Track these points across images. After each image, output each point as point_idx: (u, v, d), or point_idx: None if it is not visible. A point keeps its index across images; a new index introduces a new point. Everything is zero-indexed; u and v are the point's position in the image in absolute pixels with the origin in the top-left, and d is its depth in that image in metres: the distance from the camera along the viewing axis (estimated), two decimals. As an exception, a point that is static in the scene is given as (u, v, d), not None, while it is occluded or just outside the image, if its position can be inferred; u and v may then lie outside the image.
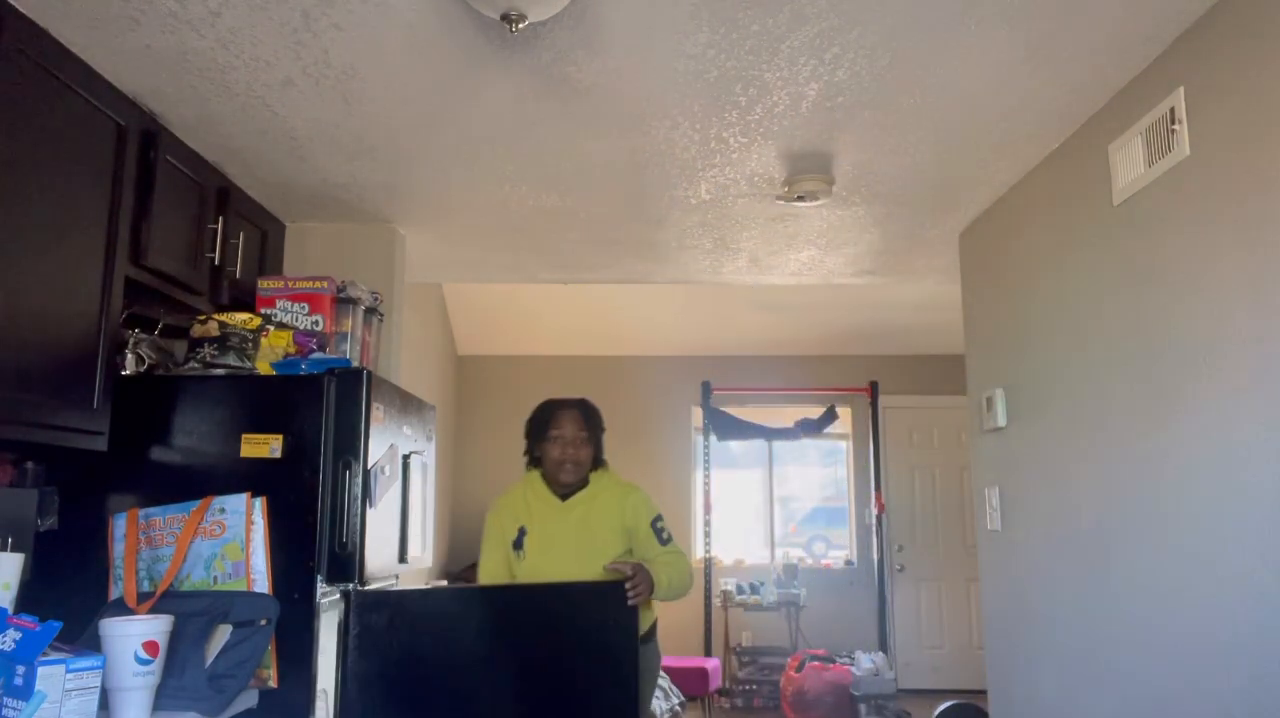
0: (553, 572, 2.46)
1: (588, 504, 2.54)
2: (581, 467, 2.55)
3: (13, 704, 1.59)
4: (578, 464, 2.54)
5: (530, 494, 2.58)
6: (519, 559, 2.51)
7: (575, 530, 2.50)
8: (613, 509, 2.55)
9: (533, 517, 2.54)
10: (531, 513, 2.55)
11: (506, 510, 2.59)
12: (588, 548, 2.48)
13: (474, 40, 2.16)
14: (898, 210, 3.34)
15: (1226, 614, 1.96)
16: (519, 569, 2.52)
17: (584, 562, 2.45)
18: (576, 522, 2.52)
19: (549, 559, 2.48)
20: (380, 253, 3.49)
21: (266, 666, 2.18)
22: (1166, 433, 2.18)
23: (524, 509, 2.56)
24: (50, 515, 2.27)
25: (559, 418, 2.55)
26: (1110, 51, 2.21)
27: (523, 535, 2.52)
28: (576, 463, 2.53)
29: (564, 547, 2.49)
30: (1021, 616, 2.98)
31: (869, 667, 5.54)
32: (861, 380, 6.74)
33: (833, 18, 2.06)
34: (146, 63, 2.23)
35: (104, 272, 2.24)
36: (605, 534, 2.52)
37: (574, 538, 2.49)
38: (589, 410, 2.60)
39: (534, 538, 2.51)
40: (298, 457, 2.31)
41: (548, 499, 2.56)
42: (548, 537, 2.51)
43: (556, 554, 2.48)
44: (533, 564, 2.49)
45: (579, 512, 2.53)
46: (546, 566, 2.48)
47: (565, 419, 2.55)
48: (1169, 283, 2.18)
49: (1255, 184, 1.88)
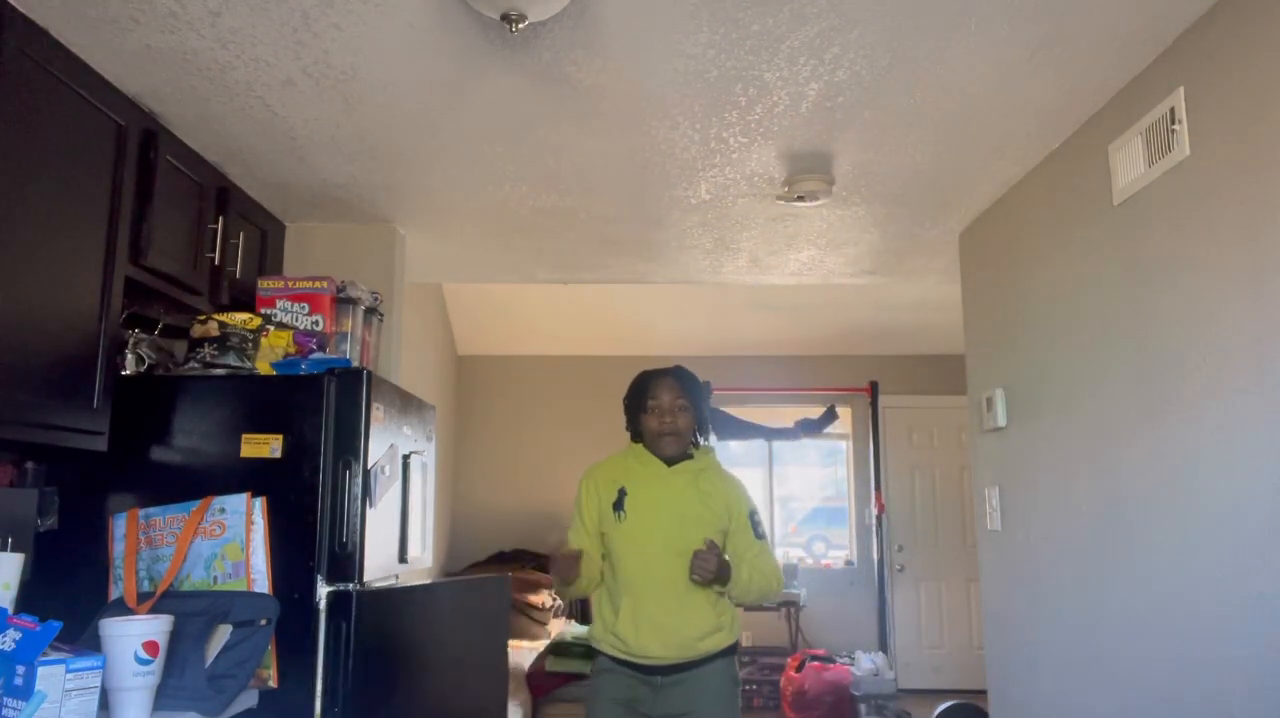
0: (653, 536, 2.37)
1: (694, 473, 2.46)
2: (682, 437, 2.45)
3: (13, 704, 1.59)
4: (677, 435, 2.44)
5: (633, 459, 2.50)
6: (618, 521, 2.40)
7: (679, 496, 2.42)
8: (718, 485, 2.48)
9: (634, 480, 2.45)
10: (633, 477, 2.46)
11: (604, 474, 2.50)
12: (691, 516, 2.40)
13: (474, 40, 2.16)
14: (898, 210, 3.34)
15: (1227, 614, 1.96)
16: (616, 532, 2.40)
17: (686, 528, 2.37)
18: (681, 488, 2.43)
19: (650, 522, 2.39)
20: (380, 253, 3.49)
21: (266, 666, 2.18)
22: (1166, 433, 2.18)
23: (624, 473, 2.47)
24: (50, 515, 2.27)
25: (655, 388, 2.46)
26: (1110, 51, 2.21)
27: (623, 497, 2.41)
28: (676, 433, 2.43)
29: (667, 511, 2.40)
30: (1021, 616, 2.98)
31: (869, 667, 5.54)
32: (861, 380, 6.73)
33: (833, 18, 2.06)
34: (146, 63, 2.23)
35: (104, 272, 2.24)
36: (708, 505, 2.43)
37: (677, 503, 2.41)
38: (685, 377, 2.49)
39: (635, 500, 2.41)
40: (298, 457, 2.31)
41: (652, 464, 2.46)
42: (651, 500, 2.42)
43: (658, 517, 2.39)
44: (632, 528, 2.39)
45: (684, 478, 2.45)
46: (647, 530, 2.38)
47: (661, 388, 2.45)
48: (1169, 283, 2.18)
49: (1255, 184, 1.88)
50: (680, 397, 2.44)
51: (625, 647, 2.33)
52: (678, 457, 2.47)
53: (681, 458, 2.47)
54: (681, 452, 2.47)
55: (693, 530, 2.36)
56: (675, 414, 2.43)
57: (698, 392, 2.49)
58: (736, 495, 2.48)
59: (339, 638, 2.27)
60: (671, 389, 2.45)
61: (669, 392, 2.44)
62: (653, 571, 2.34)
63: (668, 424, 2.43)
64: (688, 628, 2.32)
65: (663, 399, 2.43)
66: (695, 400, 2.48)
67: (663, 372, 2.49)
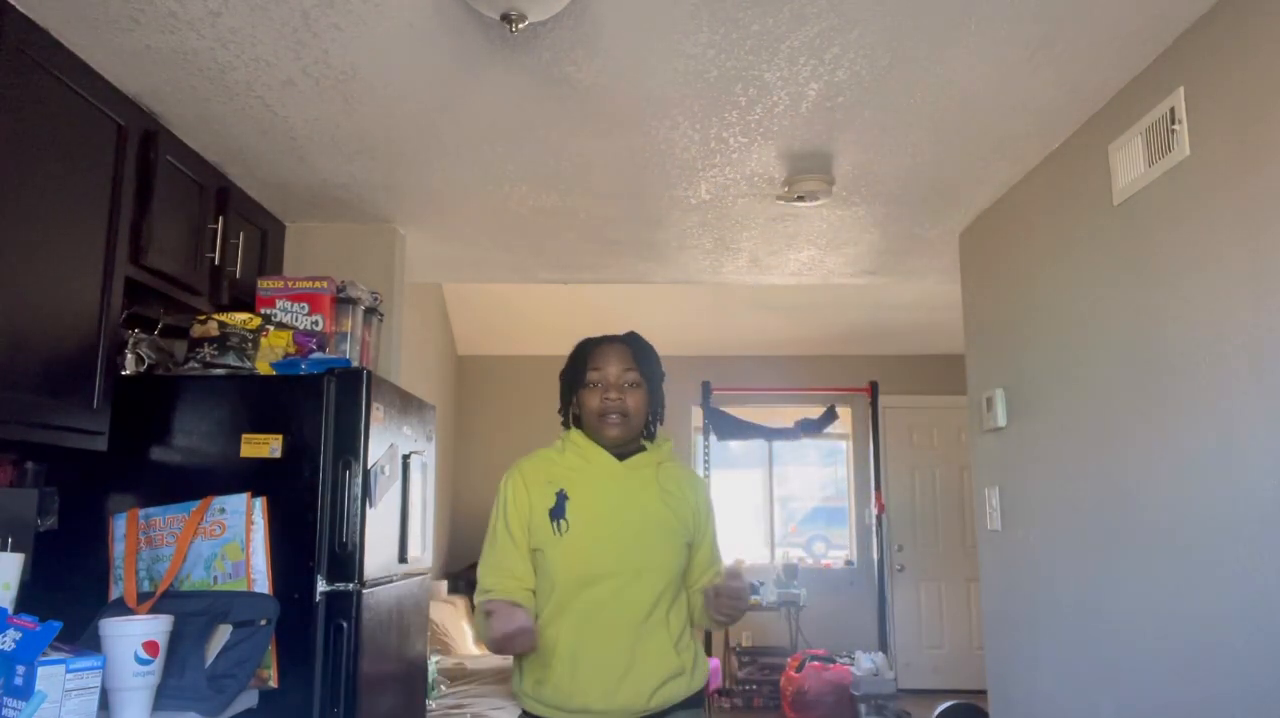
0: (604, 551, 1.80)
1: (653, 467, 1.92)
2: (630, 420, 1.88)
3: (13, 704, 1.59)
4: (624, 416, 1.87)
5: (573, 453, 1.91)
6: (556, 535, 1.80)
7: (636, 498, 1.86)
8: (682, 485, 1.94)
9: (577, 480, 1.87)
10: (575, 476, 1.88)
11: (536, 473, 1.90)
12: (653, 523, 1.84)
13: (474, 40, 2.16)
14: (898, 210, 3.34)
15: (1227, 613, 1.96)
16: (555, 549, 1.80)
17: (646, 540, 1.82)
18: (639, 488, 1.88)
19: (601, 533, 1.81)
20: (380, 253, 3.49)
21: (266, 666, 2.18)
22: (1166, 433, 2.18)
23: (562, 471, 1.89)
24: (50, 515, 2.27)
25: (599, 356, 1.91)
26: (1110, 51, 2.21)
27: (563, 502, 1.84)
28: (623, 413, 1.87)
29: (622, 518, 1.83)
30: (1021, 616, 2.98)
31: (869, 667, 5.54)
32: (861, 380, 6.73)
33: (833, 18, 2.06)
34: (146, 63, 2.23)
35: (104, 272, 2.24)
36: (674, 510, 1.89)
37: (635, 508, 1.85)
38: (639, 345, 1.95)
39: (580, 505, 1.83)
40: (298, 457, 2.31)
41: (598, 458, 1.89)
42: (601, 504, 1.84)
43: (611, 527, 1.82)
44: (576, 542, 1.80)
45: (643, 474, 1.90)
46: (597, 544, 1.81)
47: (607, 357, 1.90)
48: (1169, 283, 2.18)
49: (1255, 184, 1.88)
50: (631, 367, 1.90)
51: (561, 699, 1.75)
52: (629, 447, 1.92)
53: (634, 449, 1.93)
54: (631, 439, 1.91)
55: (656, 542, 1.83)
56: (623, 390, 1.88)
57: (654, 367, 1.95)
58: (704, 500, 1.98)
59: (339, 638, 2.27)
60: (621, 358, 1.90)
61: (617, 361, 1.90)
62: (600, 597, 1.77)
63: (613, 402, 1.87)
64: (644, 672, 1.77)
65: (608, 371, 1.89)
66: (650, 375, 1.93)
67: (610, 338, 1.96)
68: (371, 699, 2.38)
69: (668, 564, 1.84)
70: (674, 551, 1.85)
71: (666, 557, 1.84)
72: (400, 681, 2.65)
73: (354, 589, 2.31)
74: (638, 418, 1.91)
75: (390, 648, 2.55)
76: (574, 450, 1.92)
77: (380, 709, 2.45)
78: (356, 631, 2.29)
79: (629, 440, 1.91)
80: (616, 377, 1.89)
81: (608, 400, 1.87)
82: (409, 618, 2.74)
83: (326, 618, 2.28)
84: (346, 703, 2.25)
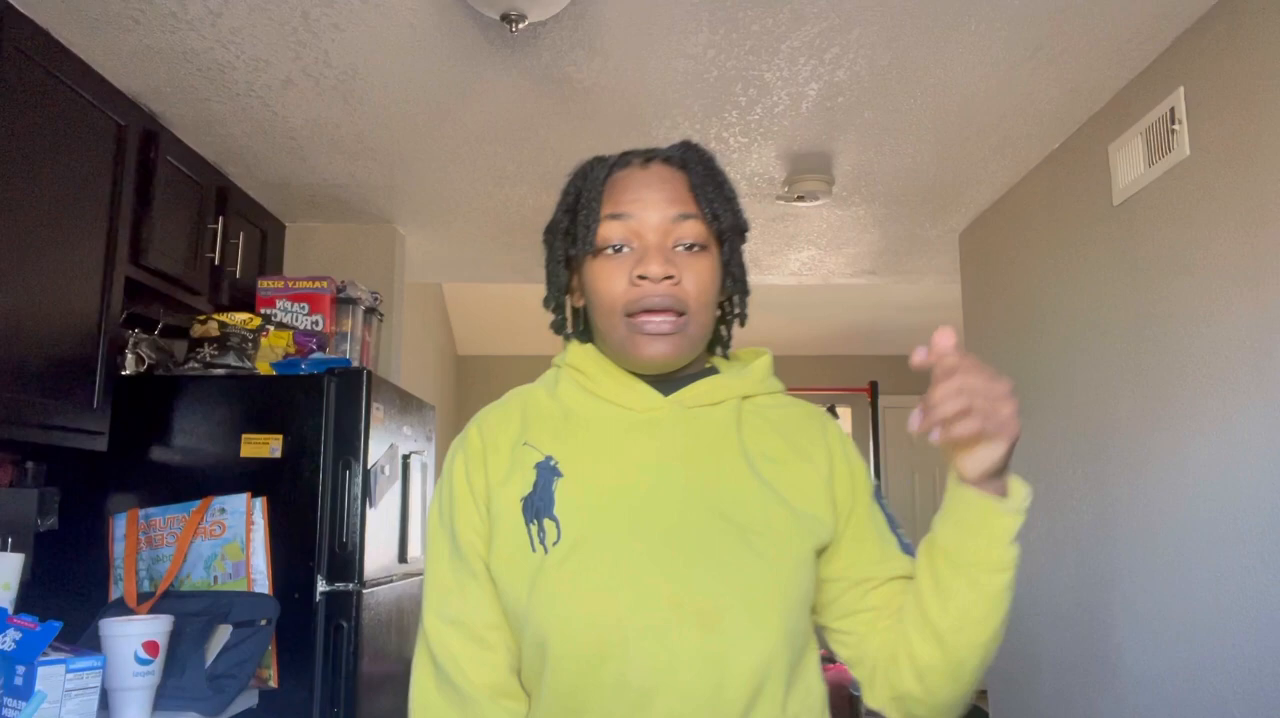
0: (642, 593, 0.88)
1: (735, 408, 1.00)
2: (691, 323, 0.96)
3: (13, 704, 1.59)
4: (680, 315, 0.95)
5: (572, 385, 1.01)
6: (535, 550, 0.91)
7: (709, 470, 0.94)
8: (803, 434, 1.02)
9: (578, 436, 0.97)
10: (575, 428, 0.98)
11: (500, 428, 1.00)
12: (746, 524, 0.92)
13: (474, 40, 2.16)
14: (898, 210, 3.34)
15: (1226, 614, 1.96)
16: (534, 586, 0.90)
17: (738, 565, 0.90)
18: (710, 448, 0.96)
19: (631, 552, 0.90)
20: (380, 253, 3.49)
21: (266, 666, 2.18)
22: (1166, 432, 2.18)
23: (553, 421, 0.99)
24: (50, 515, 2.27)
25: (625, 187, 0.99)
26: (1110, 51, 2.21)
27: (549, 481, 0.93)
28: (677, 308, 0.94)
29: (677, 514, 0.91)
30: (1021, 616, 2.98)
31: (869, 667, 5.53)
32: (861, 380, 6.73)
33: (833, 18, 2.06)
34: (146, 63, 2.23)
35: (104, 272, 2.24)
36: (789, 490, 0.96)
37: (707, 491, 0.93)
38: (700, 165, 1.00)
39: (583, 487, 0.93)
40: (298, 457, 2.31)
41: (621, 390, 0.99)
42: (625, 485, 0.93)
43: (653, 536, 0.90)
44: (580, 570, 0.89)
45: (715, 422, 0.98)
46: (619, 574, 0.89)
47: (644, 189, 0.98)
48: (1168, 283, 2.18)
49: (1254, 184, 1.88)
50: (689, 209, 0.97)
51: None
52: (688, 368, 1.01)
53: (694, 374, 1.02)
54: (691, 348, 0.98)
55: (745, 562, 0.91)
56: (675, 259, 0.95)
57: (731, 206, 1.00)
58: (849, 460, 1.02)
59: (339, 638, 2.27)
60: (669, 191, 0.97)
61: (662, 198, 0.97)
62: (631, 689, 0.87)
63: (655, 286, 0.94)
64: None
65: (645, 218, 0.96)
66: (725, 224, 0.99)
67: (645, 153, 1.02)
68: (371, 699, 2.38)
69: (781, 590, 0.90)
70: (789, 559, 0.92)
71: (776, 575, 0.90)
72: (400, 681, 2.65)
73: (354, 589, 2.31)
74: (703, 317, 0.96)
75: (390, 648, 2.55)
76: (577, 383, 1.00)
77: (380, 709, 2.45)
78: (356, 631, 2.29)
79: (688, 349, 0.97)
80: (660, 229, 0.95)
81: (643, 284, 0.93)
82: (409, 618, 2.74)
83: (326, 618, 2.28)
84: (346, 703, 2.25)
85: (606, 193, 0.99)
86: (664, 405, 0.97)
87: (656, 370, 0.98)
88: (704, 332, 0.99)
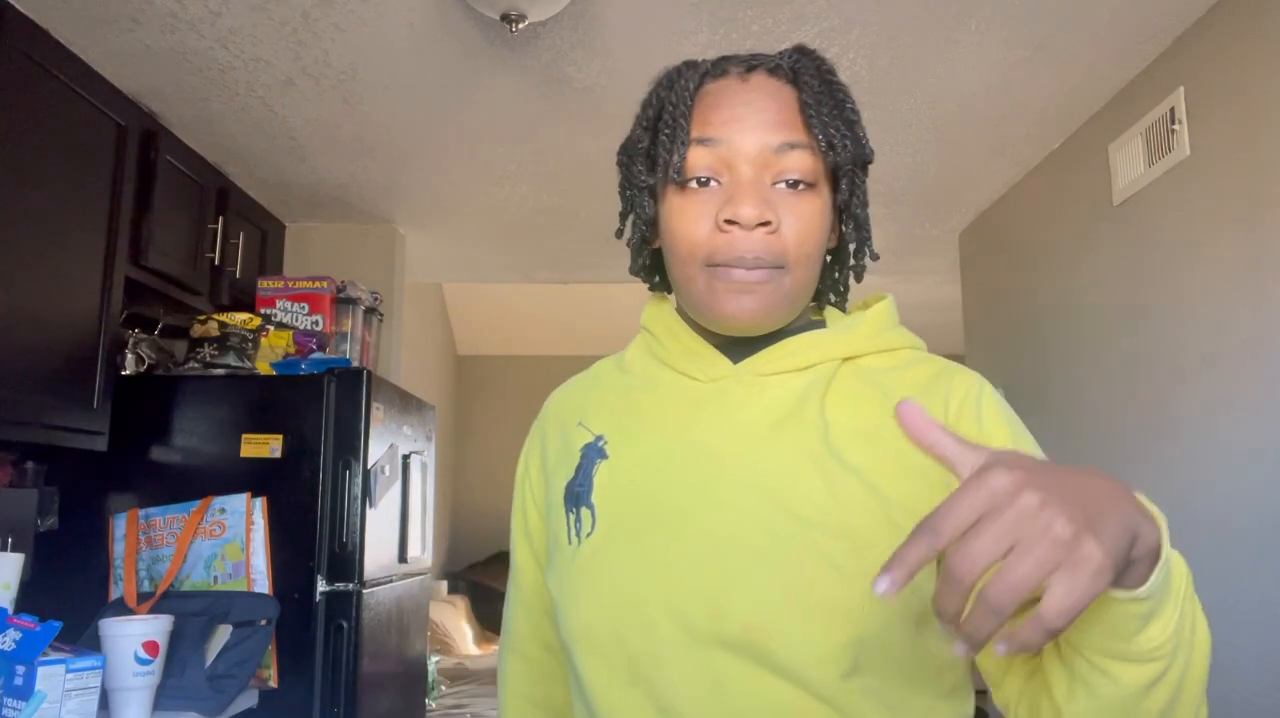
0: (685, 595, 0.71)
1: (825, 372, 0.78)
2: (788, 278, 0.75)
3: (13, 704, 1.59)
4: (778, 269, 0.74)
5: (635, 355, 0.89)
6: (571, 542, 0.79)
7: (768, 451, 0.74)
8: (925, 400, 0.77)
9: (630, 413, 0.83)
10: (630, 404, 0.84)
11: (568, 406, 0.89)
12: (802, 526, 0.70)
13: (474, 40, 2.16)
14: (898, 210, 3.34)
15: (1226, 614, 1.96)
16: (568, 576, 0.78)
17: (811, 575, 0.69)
18: (780, 424, 0.75)
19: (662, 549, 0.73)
20: (380, 253, 3.49)
21: (266, 666, 2.18)
22: (1166, 432, 2.18)
23: (604, 398, 0.87)
24: (50, 515, 2.27)
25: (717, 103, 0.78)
26: (1110, 51, 2.21)
27: (592, 464, 0.80)
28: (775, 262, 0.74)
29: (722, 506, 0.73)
30: (1021, 616, 2.98)
31: (869, 667, 5.53)
32: (861, 380, 6.73)
33: (833, 18, 2.06)
34: (146, 63, 2.23)
35: (104, 272, 2.24)
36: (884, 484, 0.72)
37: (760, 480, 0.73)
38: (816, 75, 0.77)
39: (624, 473, 0.79)
40: (298, 457, 2.31)
41: (685, 354, 0.82)
42: (671, 467, 0.77)
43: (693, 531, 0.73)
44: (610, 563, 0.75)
45: (788, 390, 0.77)
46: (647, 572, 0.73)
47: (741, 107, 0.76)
48: (1168, 283, 2.18)
49: (1255, 184, 1.88)
50: (796, 136, 0.75)
51: None
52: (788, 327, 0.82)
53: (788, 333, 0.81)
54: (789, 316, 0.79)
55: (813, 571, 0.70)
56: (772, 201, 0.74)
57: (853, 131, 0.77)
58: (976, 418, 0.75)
59: (339, 638, 2.27)
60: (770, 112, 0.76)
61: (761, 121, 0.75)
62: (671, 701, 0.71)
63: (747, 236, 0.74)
64: None
65: (740, 143, 0.75)
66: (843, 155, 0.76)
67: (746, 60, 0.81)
68: (371, 699, 2.38)
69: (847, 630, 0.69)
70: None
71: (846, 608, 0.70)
72: (400, 681, 2.65)
73: (354, 589, 2.31)
74: (804, 272, 0.77)
75: (390, 648, 2.55)
76: (646, 348, 0.89)
77: (380, 709, 2.45)
78: (356, 631, 2.29)
79: (779, 324, 0.79)
80: (758, 160, 0.76)
81: (732, 229, 0.75)
82: (409, 618, 2.74)
83: (326, 618, 2.28)
84: (346, 703, 2.25)
85: (696, 109, 0.79)
86: (732, 373, 0.79)
87: (743, 332, 0.77)
88: (805, 289, 0.78)
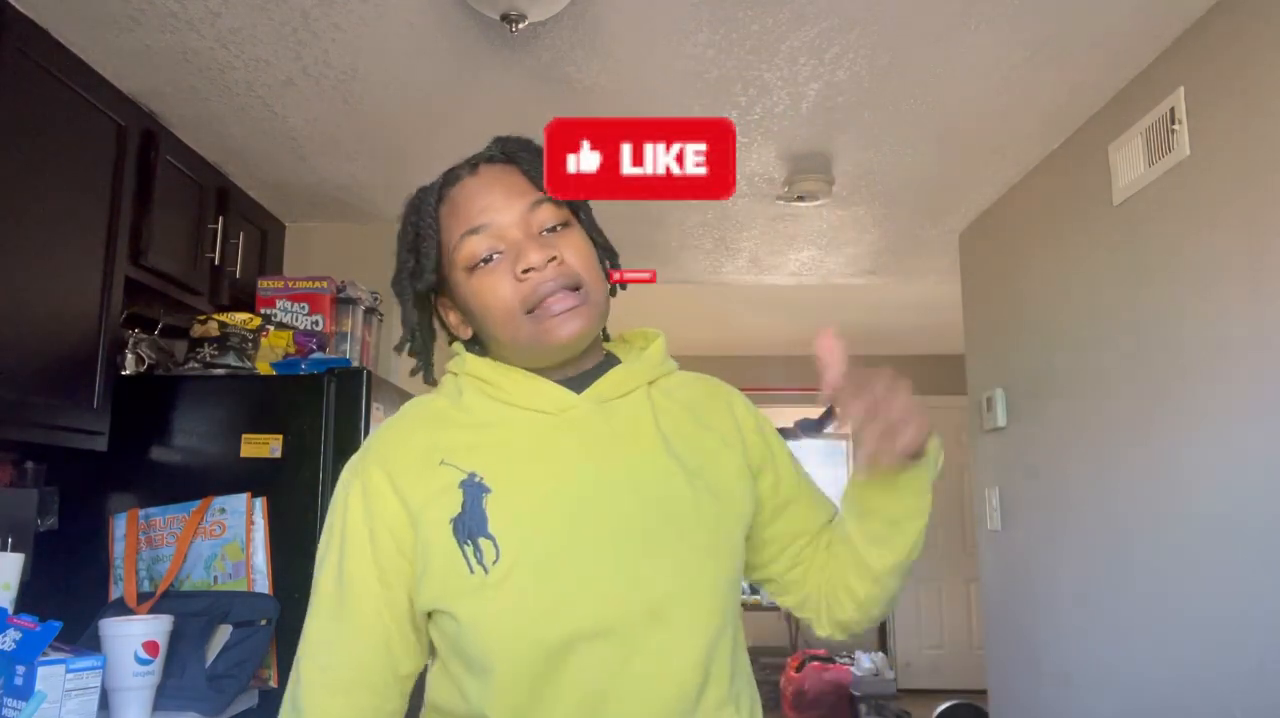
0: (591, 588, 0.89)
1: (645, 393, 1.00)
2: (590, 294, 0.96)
3: (13, 704, 1.59)
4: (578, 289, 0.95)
5: (478, 396, 0.99)
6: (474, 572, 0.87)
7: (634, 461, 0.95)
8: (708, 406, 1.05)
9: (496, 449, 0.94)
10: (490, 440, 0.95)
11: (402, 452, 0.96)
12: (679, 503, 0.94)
13: (474, 40, 2.16)
14: (898, 210, 3.34)
15: (1227, 614, 1.96)
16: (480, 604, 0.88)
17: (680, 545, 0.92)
18: (629, 438, 0.96)
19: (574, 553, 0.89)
20: (380, 253, 3.45)
21: (267, 666, 2.18)
22: (1166, 433, 2.18)
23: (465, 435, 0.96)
24: (50, 516, 2.27)
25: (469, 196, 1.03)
26: (1110, 51, 2.21)
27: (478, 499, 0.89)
28: (573, 284, 0.95)
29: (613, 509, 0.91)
30: (1021, 616, 2.98)
31: (869, 667, 5.54)
32: (861, 380, 6.73)
33: (833, 18, 2.06)
34: (146, 63, 2.23)
35: (104, 272, 2.24)
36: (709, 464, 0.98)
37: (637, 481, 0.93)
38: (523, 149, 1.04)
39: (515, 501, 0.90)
40: (298, 457, 2.31)
41: (533, 394, 0.97)
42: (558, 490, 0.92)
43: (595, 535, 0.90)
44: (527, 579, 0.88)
45: (629, 410, 0.98)
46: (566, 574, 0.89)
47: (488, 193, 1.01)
48: (1169, 283, 2.18)
49: (1255, 184, 1.88)
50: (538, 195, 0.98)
51: None
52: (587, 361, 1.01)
53: (598, 366, 1.02)
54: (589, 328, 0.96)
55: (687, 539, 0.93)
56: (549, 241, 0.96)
57: None
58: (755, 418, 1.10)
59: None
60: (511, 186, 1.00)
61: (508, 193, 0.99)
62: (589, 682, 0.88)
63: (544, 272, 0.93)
64: None
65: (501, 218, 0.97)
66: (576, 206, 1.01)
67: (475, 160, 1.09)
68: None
69: (717, 575, 0.93)
70: (722, 544, 0.95)
71: (712, 561, 0.93)
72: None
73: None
74: (598, 284, 0.96)
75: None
76: (484, 393, 0.97)
77: (380, 709, 2.45)
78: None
79: (597, 332, 0.99)
80: (520, 223, 0.95)
81: (530, 276, 0.92)
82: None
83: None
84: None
85: (449, 213, 1.03)
86: (579, 403, 0.97)
87: (574, 351, 0.97)
88: (604, 299, 1.00)
